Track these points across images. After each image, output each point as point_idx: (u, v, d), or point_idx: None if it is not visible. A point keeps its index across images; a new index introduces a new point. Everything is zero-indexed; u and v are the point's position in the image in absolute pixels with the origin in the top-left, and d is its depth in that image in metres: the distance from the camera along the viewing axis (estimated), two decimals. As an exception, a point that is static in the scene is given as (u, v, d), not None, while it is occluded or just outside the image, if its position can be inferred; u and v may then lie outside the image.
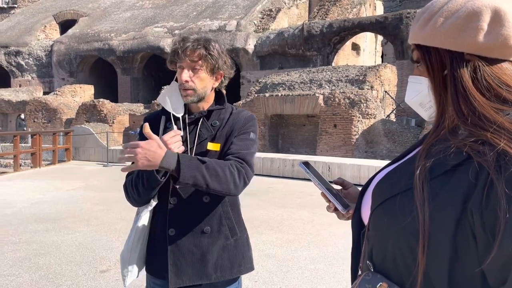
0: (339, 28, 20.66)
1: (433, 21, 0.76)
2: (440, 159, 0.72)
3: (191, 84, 1.51)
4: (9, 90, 23.89)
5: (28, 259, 4.44)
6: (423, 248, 0.69)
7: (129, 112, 18.79)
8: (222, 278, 1.57)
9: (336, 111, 13.69)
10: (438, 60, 0.77)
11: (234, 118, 1.62)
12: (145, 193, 1.49)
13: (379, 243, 0.80)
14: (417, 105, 0.85)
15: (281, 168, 10.90)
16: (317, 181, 1.07)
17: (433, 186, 0.70)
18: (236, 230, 1.62)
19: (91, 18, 30.11)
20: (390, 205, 0.76)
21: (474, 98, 0.72)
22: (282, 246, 4.89)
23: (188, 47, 1.49)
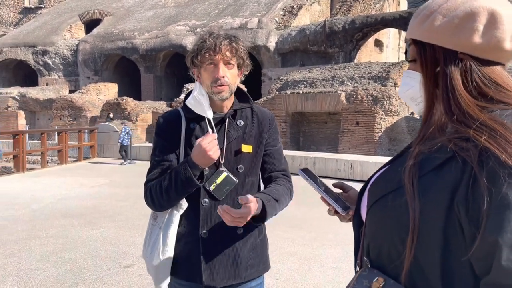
0: (361, 24, 20.39)
1: (432, 18, 0.79)
2: (429, 156, 0.75)
3: (226, 80, 1.48)
4: (36, 89, 24.54)
5: (54, 254, 4.55)
6: (411, 241, 0.73)
7: (152, 110, 19.03)
8: (251, 276, 1.57)
9: (359, 108, 13.53)
10: (432, 57, 0.79)
11: (259, 118, 1.61)
12: (177, 198, 1.47)
13: (374, 240, 0.83)
14: (409, 99, 0.88)
15: (303, 165, 10.85)
16: (316, 186, 1.09)
17: (423, 183, 0.73)
18: (262, 228, 1.63)
19: (115, 17, 30.60)
20: (384, 203, 0.80)
21: (461, 96, 0.75)
22: (303, 244, 4.87)
23: (221, 43, 1.46)
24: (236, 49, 1.49)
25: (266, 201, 1.43)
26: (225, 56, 1.47)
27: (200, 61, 1.48)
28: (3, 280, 3.82)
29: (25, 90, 23.66)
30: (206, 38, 1.48)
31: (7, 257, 4.43)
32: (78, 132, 14.85)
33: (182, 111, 1.58)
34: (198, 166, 1.41)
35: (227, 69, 1.49)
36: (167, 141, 1.55)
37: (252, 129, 1.57)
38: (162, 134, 1.57)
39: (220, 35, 1.49)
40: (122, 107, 18.25)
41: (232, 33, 1.56)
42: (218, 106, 1.55)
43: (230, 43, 1.48)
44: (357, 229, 0.93)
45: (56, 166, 13.16)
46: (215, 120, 1.54)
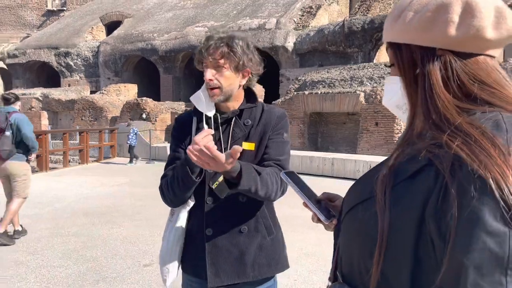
0: (381, 24, 20.17)
1: (403, 16, 0.72)
2: (404, 164, 0.68)
3: (216, 83, 1.49)
4: (59, 90, 25.06)
5: (76, 251, 4.65)
6: (378, 256, 0.65)
7: (171, 110, 19.23)
8: (259, 276, 1.57)
9: (378, 108, 13.39)
10: (409, 58, 0.72)
11: (267, 116, 1.60)
12: (181, 193, 1.50)
13: (346, 253, 0.77)
14: (394, 107, 0.81)
15: (321, 166, 10.80)
16: (299, 191, 1.03)
17: (396, 192, 0.66)
18: (273, 228, 1.62)
19: (135, 19, 31.03)
20: (355, 213, 0.73)
21: (439, 97, 0.68)
22: (321, 245, 4.85)
23: (210, 46, 1.47)
24: (225, 52, 1.47)
25: (245, 167, 1.37)
26: (214, 58, 1.47)
27: (197, 63, 1.53)
28: (26, 277, 3.92)
29: (48, 91, 24.20)
30: (202, 42, 1.50)
31: (31, 254, 4.54)
32: (98, 132, 15.11)
33: (193, 112, 1.63)
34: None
35: (218, 71, 1.49)
36: (179, 140, 1.61)
37: (258, 127, 1.58)
38: (175, 134, 1.65)
39: (213, 37, 1.48)
40: (142, 108, 18.49)
41: (234, 34, 1.53)
42: (224, 107, 1.58)
43: (218, 47, 1.47)
44: (336, 239, 0.86)
45: (77, 165, 13.41)
46: (222, 119, 1.57)
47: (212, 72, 1.48)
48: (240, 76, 1.54)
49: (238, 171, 1.35)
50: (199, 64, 1.53)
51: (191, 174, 1.43)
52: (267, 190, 1.45)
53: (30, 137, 5.01)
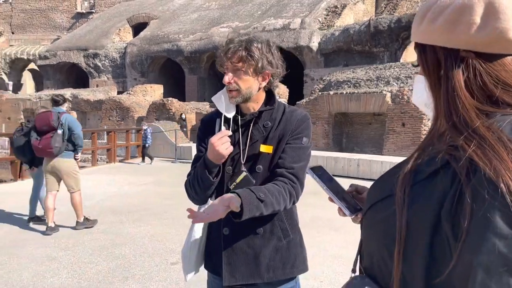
0: (408, 22, 19.83)
1: (427, 18, 0.73)
2: (424, 164, 0.70)
3: (234, 86, 1.53)
4: (87, 90, 25.69)
5: (105, 249, 4.76)
6: (398, 255, 0.67)
7: (196, 110, 19.43)
8: (274, 278, 1.58)
9: (405, 109, 13.17)
10: (433, 59, 0.73)
11: (287, 119, 1.59)
12: (201, 192, 1.56)
13: (368, 247, 0.79)
14: (423, 105, 0.82)
15: (346, 167, 10.70)
16: (323, 186, 1.04)
17: (415, 192, 0.68)
18: (289, 232, 1.62)
19: (161, 20, 31.48)
20: (375, 210, 0.76)
21: (460, 99, 0.68)
22: (347, 247, 4.80)
23: (229, 50, 1.51)
24: (243, 56, 1.50)
25: (246, 200, 1.36)
26: (232, 62, 1.51)
27: (219, 66, 1.59)
28: (58, 272, 4.04)
29: (77, 92, 24.84)
30: (223, 45, 1.55)
31: (62, 250, 4.67)
32: (125, 132, 15.41)
33: (216, 114, 1.68)
34: (211, 161, 1.49)
35: (237, 75, 1.53)
36: (203, 140, 1.66)
37: (277, 130, 1.58)
38: (200, 134, 1.71)
39: (233, 41, 1.53)
40: (167, 108, 18.75)
41: (253, 37, 1.56)
42: (245, 108, 1.62)
43: (237, 51, 1.50)
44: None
45: (105, 164, 13.71)
46: (242, 121, 1.60)
47: (230, 75, 1.52)
48: (259, 78, 1.56)
49: (240, 205, 1.34)
50: (221, 66, 1.58)
51: (208, 174, 1.49)
52: (273, 210, 1.47)
53: (82, 138, 5.54)
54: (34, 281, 3.82)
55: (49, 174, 5.40)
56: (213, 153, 1.47)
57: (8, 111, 25.10)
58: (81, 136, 5.52)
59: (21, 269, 4.10)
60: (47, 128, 5.26)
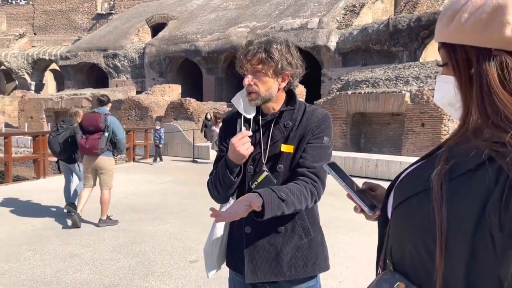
0: (428, 21, 19.55)
1: (458, 18, 0.74)
2: (461, 160, 0.70)
3: (254, 88, 1.54)
4: (107, 90, 26.08)
5: (126, 246, 4.83)
6: (440, 251, 0.68)
7: (213, 110, 19.52)
8: (296, 276, 1.60)
9: (425, 109, 12.99)
10: (464, 58, 0.74)
11: (308, 118, 1.60)
12: (223, 191, 1.59)
13: (398, 242, 0.79)
14: (447, 105, 0.83)
15: (364, 168, 10.62)
16: (342, 183, 1.06)
17: (453, 187, 0.69)
18: (310, 230, 1.63)
19: (179, 21, 31.74)
20: (409, 205, 0.76)
21: (498, 97, 0.69)
22: (367, 248, 4.78)
23: (249, 52, 1.52)
24: (263, 58, 1.51)
25: (268, 199, 1.37)
26: (252, 64, 1.52)
27: (239, 68, 1.59)
28: (80, 268, 4.12)
29: (97, 91, 25.23)
30: (243, 47, 1.57)
31: (84, 247, 4.77)
32: (144, 131, 15.59)
33: (237, 114, 1.70)
34: (232, 162, 1.51)
35: (257, 77, 1.54)
36: (224, 140, 1.69)
37: (298, 129, 1.59)
38: (221, 134, 1.74)
39: (253, 43, 1.53)
40: (185, 108, 18.90)
41: (273, 38, 1.56)
42: (265, 108, 1.64)
43: (256, 53, 1.51)
44: (382, 229, 0.89)
45: (124, 163, 13.89)
46: (262, 121, 1.62)
47: (250, 77, 1.54)
48: (279, 79, 1.57)
49: (262, 204, 1.35)
50: (241, 68, 1.59)
51: (229, 174, 1.52)
52: (294, 209, 1.48)
53: (124, 142, 5.94)
54: (58, 277, 3.92)
55: (89, 171, 5.76)
56: (234, 154, 1.49)
57: (30, 110, 25.67)
58: (123, 142, 5.86)
59: (45, 265, 4.21)
60: (94, 129, 5.57)
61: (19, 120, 26.06)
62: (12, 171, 9.50)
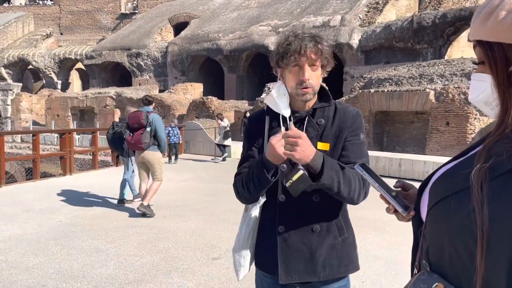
0: (454, 18, 19.12)
1: (495, 15, 0.73)
2: (502, 159, 0.69)
3: (311, 82, 1.50)
4: (130, 89, 26.50)
5: (149, 242, 4.91)
6: (481, 252, 0.67)
7: (235, 108, 19.60)
8: (330, 276, 1.58)
9: (449, 107, 12.73)
10: (502, 56, 0.73)
11: (341, 115, 1.59)
12: (256, 192, 1.54)
13: (435, 243, 0.78)
14: (482, 103, 0.82)
15: (387, 167, 10.48)
16: (375, 183, 1.06)
17: (494, 186, 0.68)
18: (344, 229, 1.61)
19: (201, 19, 31.94)
20: (447, 204, 0.75)
21: None
22: (390, 248, 4.72)
23: (307, 46, 1.47)
24: (322, 51, 1.49)
25: (328, 160, 1.39)
26: (310, 58, 1.48)
27: (286, 63, 1.51)
28: (106, 263, 4.21)
29: (120, 90, 25.67)
30: (292, 41, 1.49)
31: (109, 243, 4.87)
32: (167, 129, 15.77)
33: (266, 110, 1.66)
34: (270, 162, 1.45)
35: (312, 71, 1.50)
36: (253, 138, 1.65)
37: (332, 127, 1.57)
38: (248, 133, 1.69)
39: (305, 37, 1.49)
40: (207, 106, 19.04)
41: (316, 33, 1.55)
42: (301, 106, 1.58)
43: (315, 45, 1.49)
44: (417, 229, 0.89)
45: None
46: (295, 119, 1.57)
47: (309, 71, 1.50)
48: (322, 73, 1.57)
49: (322, 161, 1.38)
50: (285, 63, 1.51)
51: (267, 174, 1.46)
52: (349, 189, 1.46)
53: (164, 140, 6.36)
54: (84, 271, 4.01)
55: (140, 165, 6.34)
56: (273, 155, 1.42)
57: (57, 108, 26.31)
58: (163, 138, 6.30)
59: (71, 260, 4.31)
60: (138, 126, 6.10)
61: (46, 118, 26.75)
62: (39, 168, 9.77)
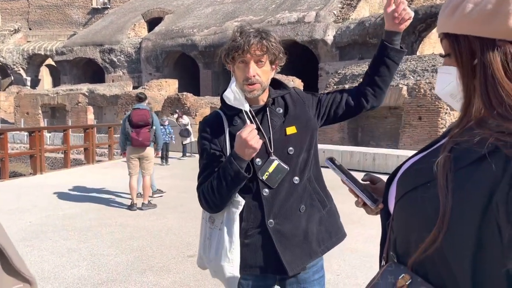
0: (425, 15, 19.51)
1: (462, 8, 0.73)
2: (466, 150, 0.70)
3: (258, 78, 1.50)
4: (103, 85, 25.97)
5: (123, 241, 4.83)
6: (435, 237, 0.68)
7: (211, 105, 19.47)
8: (327, 249, 1.63)
9: (421, 102, 13.00)
10: (467, 48, 0.74)
11: (300, 97, 1.66)
12: (228, 194, 1.48)
13: (402, 234, 0.79)
14: (448, 96, 0.83)
15: (361, 161, 10.62)
16: (344, 177, 1.06)
17: (458, 177, 0.69)
18: (326, 201, 1.66)
19: (176, 15, 31.56)
20: (413, 196, 0.75)
21: (503, 87, 0.69)
22: (364, 241, 4.79)
23: (251, 42, 1.46)
24: (267, 47, 1.49)
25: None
26: (255, 55, 1.48)
27: (231, 60, 1.51)
28: (79, 264, 4.11)
29: (93, 87, 25.12)
30: (236, 37, 1.48)
31: (82, 243, 4.76)
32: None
33: (221, 111, 1.63)
34: (243, 158, 1.43)
35: (258, 67, 1.50)
36: (213, 142, 1.57)
37: (295, 110, 1.61)
38: (206, 137, 1.60)
39: (250, 33, 1.48)
40: (183, 103, 18.85)
41: (264, 29, 1.55)
42: (253, 100, 1.58)
43: (260, 41, 1.47)
44: (385, 222, 0.89)
45: (121, 158, 13.86)
46: (255, 111, 1.58)
47: (254, 67, 1.49)
48: (273, 69, 1.57)
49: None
50: (232, 60, 1.52)
51: (242, 170, 1.43)
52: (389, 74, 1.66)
53: (161, 137, 6.73)
54: (55, 272, 3.91)
55: (134, 161, 6.51)
56: (246, 148, 1.40)
57: (26, 106, 25.55)
58: (160, 136, 6.73)
59: (42, 261, 4.20)
60: (144, 124, 6.29)
61: (15, 116, 25.94)
62: (8, 167, 9.46)
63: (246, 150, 1.41)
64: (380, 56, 1.62)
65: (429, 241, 0.69)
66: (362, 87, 1.68)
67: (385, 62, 1.62)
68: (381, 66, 1.63)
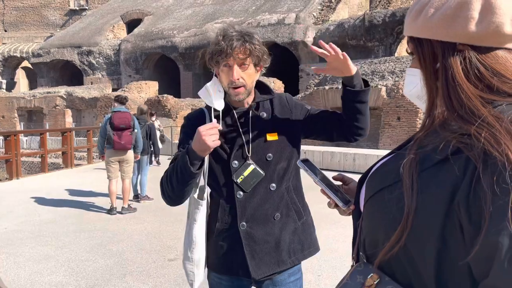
0: (403, 16, 19.83)
1: (424, 12, 0.75)
2: (430, 152, 0.72)
3: (242, 81, 1.49)
4: (82, 88, 25.57)
5: (103, 246, 4.75)
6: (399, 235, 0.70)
7: (191, 107, 19.38)
8: (296, 261, 1.60)
9: (400, 103, 13.21)
10: (430, 52, 0.76)
11: (280, 104, 1.64)
12: (178, 188, 1.46)
13: (371, 234, 0.81)
14: (415, 97, 0.86)
15: (342, 162, 10.73)
16: (316, 178, 1.06)
17: (423, 178, 0.71)
18: (302, 213, 1.64)
19: (155, 16, 31.31)
20: (381, 197, 0.77)
21: (463, 89, 0.71)
22: (344, 241, 4.83)
23: (234, 45, 1.45)
24: (250, 50, 1.48)
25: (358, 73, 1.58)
26: (238, 58, 1.47)
27: (216, 63, 1.51)
28: (56, 270, 4.03)
29: (71, 89, 24.71)
30: (219, 40, 1.47)
31: (60, 249, 4.66)
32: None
33: (206, 109, 1.63)
34: (196, 152, 1.39)
35: (242, 70, 1.49)
36: (190, 137, 1.53)
37: (280, 117, 1.60)
38: (186, 131, 1.61)
39: (233, 37, 1.47)
40: (163, 105, 18.70)
41: (246, 31, 1.53)
42: (238, 102, 1.57)
43: (243, 44, 1.46)
44: (355, 222, 0.90)
45: (100, 162, 13.65)
46: (239, 114, 1.57)
47: (238, 71, 1.48)
48: (257, 71, 1.56)
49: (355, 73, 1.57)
50: (213, 62, 1.51)
51: (189, 164, 1.39)
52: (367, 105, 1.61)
53: (141, 141, 6.70)
54: (32, 279, 3.82)
55: (114, 164, 6.41)
56: (199, 143, 1.38)
57: (2, 109, 24.95)
58: (141, 139, 6.67)
59: (18, 268, 4.10)
60: (125, 127, 6.19)
61: (-10, 120, 25.29)
62: (-17, 172, 9.21)
63: (199, 145, 1.38)
64: (347, 101, 1.59)
65: (394, 240, 0.71)
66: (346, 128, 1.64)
67: (355, 106, 1.58)
68: (351, 110, 1.59)
